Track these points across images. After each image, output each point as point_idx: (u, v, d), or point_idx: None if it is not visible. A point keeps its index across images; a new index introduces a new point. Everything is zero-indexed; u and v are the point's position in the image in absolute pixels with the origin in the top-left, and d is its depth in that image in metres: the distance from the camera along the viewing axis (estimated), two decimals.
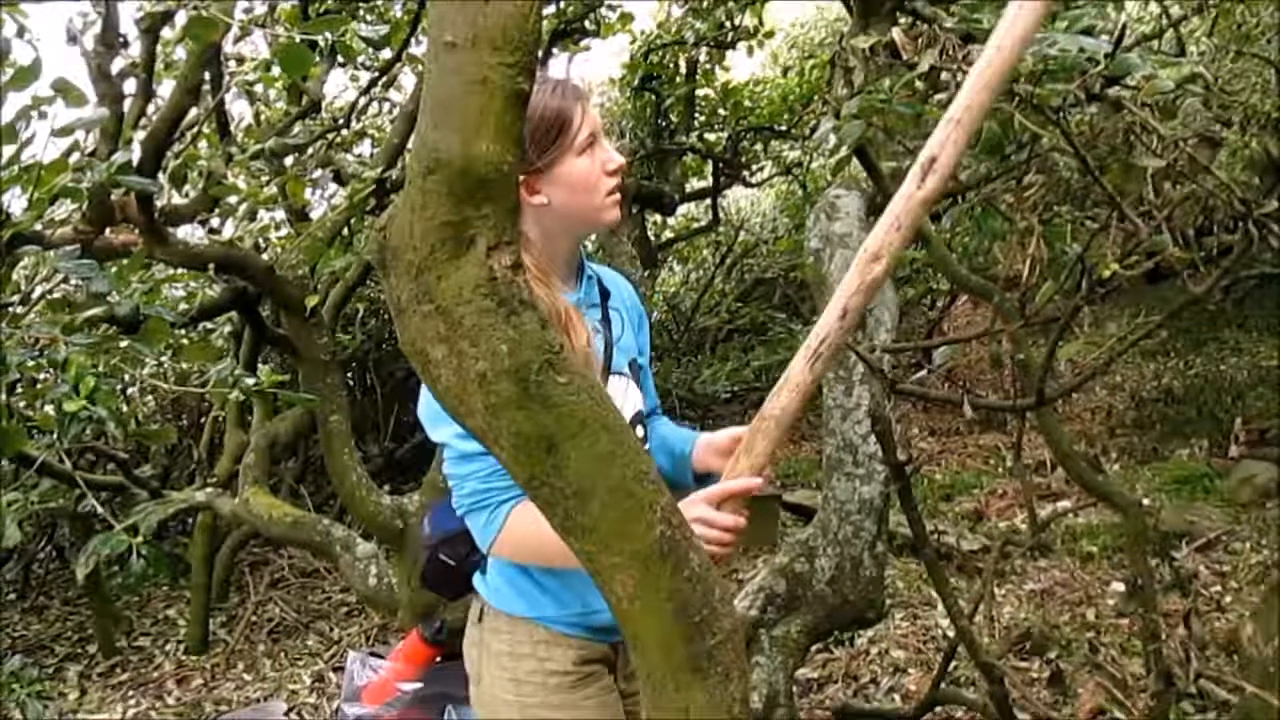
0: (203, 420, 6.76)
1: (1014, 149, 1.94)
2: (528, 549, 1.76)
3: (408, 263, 1.27)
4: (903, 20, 2.40)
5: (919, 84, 1.73)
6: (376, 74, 4.83)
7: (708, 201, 8.53)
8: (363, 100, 5.33)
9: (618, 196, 1.78)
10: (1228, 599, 4.88)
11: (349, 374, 7.36)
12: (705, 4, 5.81)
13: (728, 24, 5.99)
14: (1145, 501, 6.28)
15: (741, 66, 8.16)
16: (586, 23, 5.70)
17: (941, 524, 6.12)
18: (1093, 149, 1.84)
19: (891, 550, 5.13)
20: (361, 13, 4.50)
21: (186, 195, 3.82)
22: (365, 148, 5.67)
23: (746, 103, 7.69)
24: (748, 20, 6.44)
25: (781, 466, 7.91)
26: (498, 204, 1.26)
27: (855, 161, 2.67)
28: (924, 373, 9.18)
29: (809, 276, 3.14)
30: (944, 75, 1.72)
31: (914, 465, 2.23)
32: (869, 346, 2.32)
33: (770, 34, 6.65)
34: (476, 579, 1.93)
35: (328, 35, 1.98)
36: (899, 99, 1.74)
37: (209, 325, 5.71)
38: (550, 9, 5.17)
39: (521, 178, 1.60)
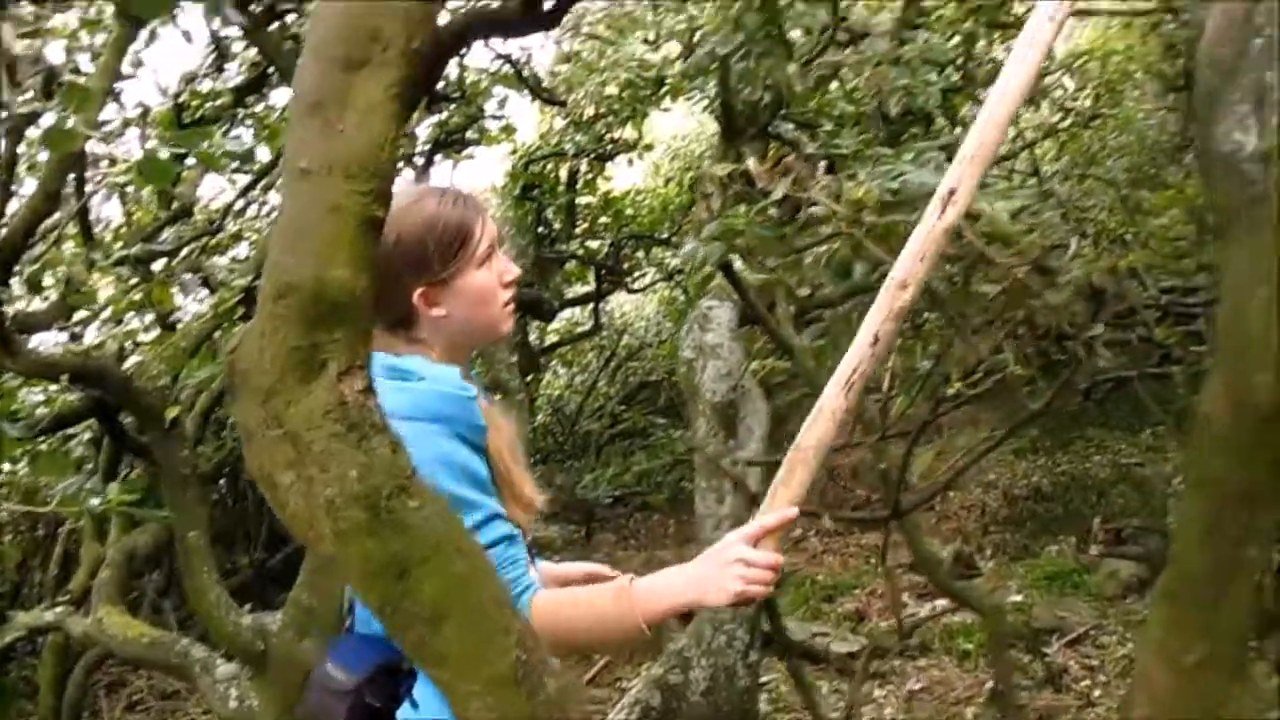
0: (59, 530, 6.43)
1: (867, 271, 2.04)
2: (561, 638, 1.56)
3: (256, 387, 1.26)
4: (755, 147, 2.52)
5: (773, 211, 1.80)
6: (255, 176, 4.80)
7: (591, 306, 8.63)
8: (240, 203, 5.28)
9: (513, 307, 1.76)
10: (1097, 693, 5.00)
11: (220, 480, 7.11)
12: (585, 117, 5.98)
13: (607, 136, 6.16)
14: (1018, 598, 6.45)
15: (624, 176, 8.36)
16: (470, 132, 5.79)
17: (824, 625, 6.16)
18: (937, 274, 1.94)
19: (775, 653, 5.15)
20: (241, 116, 4.49)
21: (46, 300, 3.70)
22: (243, 249, 5.59)
23: (628, 211, 7.86)
24: (628, 133, 6.62)
25: None
26: (349, 328, 1.27)
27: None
28: None
29: (682, 385, 3.19)
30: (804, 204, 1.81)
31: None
32: (732, 460, 2.37)
33: (650, 147, 6.85)
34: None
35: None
36: (755, 224, 1.81)
37: (69, 431, 5.47)
38: (431, 119, 5.25)
39: (420, 290, 1.60)
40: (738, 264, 2.80)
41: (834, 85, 3.72)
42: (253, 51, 4.33)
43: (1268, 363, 1.69)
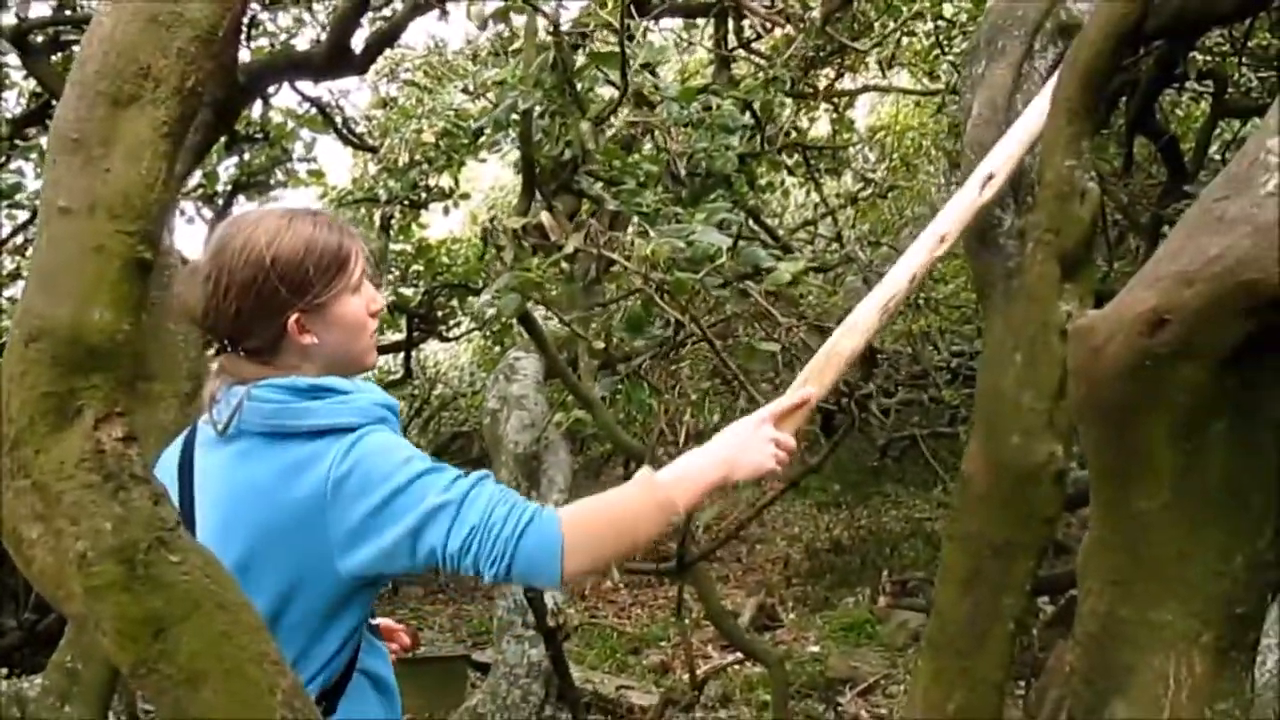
0: None
1: (662, 326, 2.10)
2: (607, 540, 1.46)
3: (1, 435, 1.19)
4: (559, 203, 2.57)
5: (565, 264, 1.83)
6: (34, 212, 4.51)
7: (402, 354, 8.48)
8: (19, 238, 4.96)
9: (376, 340, 1.67)
10: None
11: None
12: (400, 164, 5.91)
13: (422, 184, 6.10)
14: (816, 649, 6.65)
15: (440, 224, 8.29)
16: (279, 173, 5.63)
17: (627, 678, 6.17)
18: (728, 330, 2.00)
19: (569, 707, 5.12)
20: (20, 148, 4.23)
21: None
22: (19, 289, 5.24)
23: (443, 259, 7.78)
24: (444, 181, 6.58)
25: (474, 624, 7.75)
26: (109, 374, 1.21)
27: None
28: None
29: (486, 435, 3.17)
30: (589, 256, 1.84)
31: (564, 632, 2.26)
32: None
33: (466, 196, 6.82)
34: None
35: None
36: (550, 277, 1.84)
37: None
38: (233, 159, 5.08)
39: (295, 316, 1.49)
40: (542, 316, 2.82)
41: (646, 145, 3.83)
42: (33, 82, 4.10)
43: (1019, 426, 1.83)
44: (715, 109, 2.61)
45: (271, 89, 4.34)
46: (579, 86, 2.21)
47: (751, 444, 1.56)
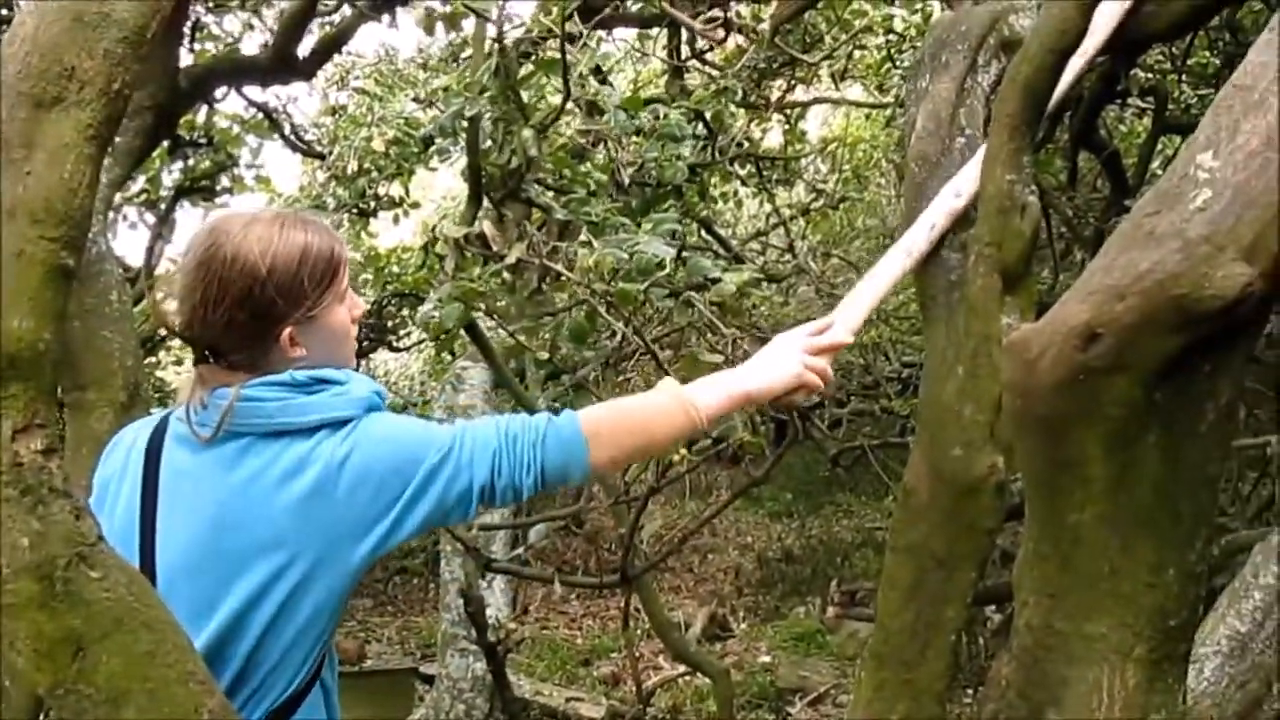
0: None
1: (608, 336, 2.09)
2: (628, 431, 1.49)
3: None
4: (506, 212, 2.55)
5: (507, 275, 1.81)
6: None
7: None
8: None
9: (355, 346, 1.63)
10: None
11: None
12: (349, 171, 5.85)
13: (371, 192, 6.05)
14: (766, 659, 6.66)
15: (390, 234, 8.22)
16: (225, 179, 5.55)
17: (578, 690, 6.14)
18: (681, 341, 2.00)
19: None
20: None
21: None
22: None
23: (393, 268, 7.71)
24: (394, 190, 6.52)
25: (422, 636, 7.67)
26: (29, 383, 1.18)
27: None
28: (519, 550, 9.30)
29: None
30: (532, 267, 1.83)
31: (505, 647, 2.24)
32: (470, 525, 2.34)
33: (416, 205, 6.77)
34: None
35: None
36: (494, 287, 1.82)
37: None
38: (178, 165, 5.00)
39: (288, 329, 1.44)
40: (490, 327, 2.80)
41: (599, 155, 3.82)
42: None
43: (961, 438, 1.83)
44: (664, 118, 2.61)
45: (218, 94, 4.27)
46: (523, 94, 2.20)
47: (782, 360, 1.58)
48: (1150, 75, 4.29)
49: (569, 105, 2.34)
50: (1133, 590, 1.11)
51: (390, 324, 8.04)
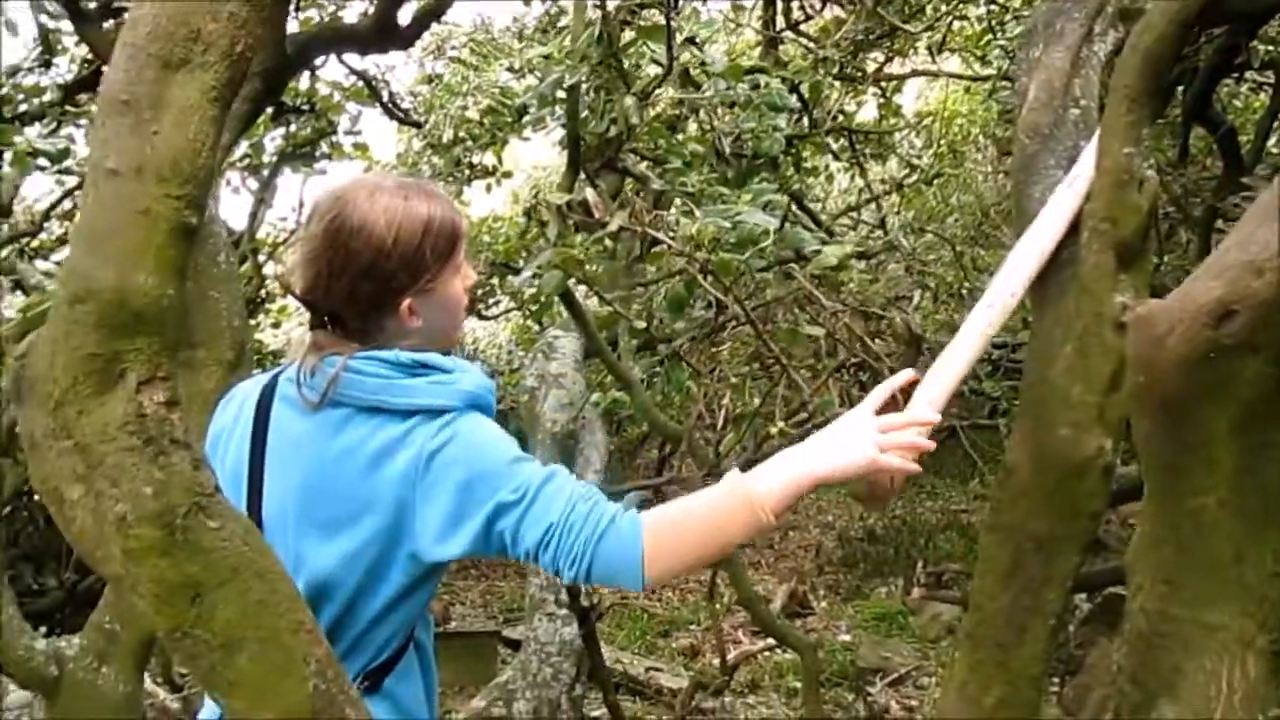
0: None
1: (704, 307, 2.08)
2: (691, 546, 1.39)
3: (45, 394, 1.19)
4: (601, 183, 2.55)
5: (610, 242, 1.81)
6: (82, 177, 4.55)
7: None
8: (67, 204, 5.01)
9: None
10: None
11: (31, 497, 6.68)
12: (444, 140, 5.92)
13: (465, 161, 6.11)
14: (847, 638, 6.62)
15: (482, 203, 8.30)
16: (324, 146, 5.65)
17: (656, 660, 6.17)
18: (775, 315, 1.98)
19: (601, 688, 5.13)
20: (71, 114, 4.27)
21: None
22: (66, 254, 5.31)
23: (484, 237, 7.79)
24: (488, 159, 6.59)
25: (506, 600, 7.79)
26: (153, 338, 1.21)
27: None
28: None
29: (523, 413, 3.17)
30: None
31: (598, 611, 2.26)
32: None
33: (509, 174, 6.83)
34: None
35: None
36: (594, 254, 1.82)
37: None
38: (279, 130, 5.11)
39: (408, 300, 1.45)
40: (583, 295, 2.81)
41: (691, 125, 3.80)
42: (84, 48, 4.13)
43: (1068, 419, 1.78)
44: (765, 87, 2.57)
45: (318, 61, 4.34)
46: (625, 62, 2.19)
47: (853, 437, 1.41)
48: (1271, 48, 4.11)
49: (662, 72, 2.32)
50: (1257, 579, 1.07)
51: (480, 292, 8.13)
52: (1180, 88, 3.91)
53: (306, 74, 4.76)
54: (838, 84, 4.85)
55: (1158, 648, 1.14)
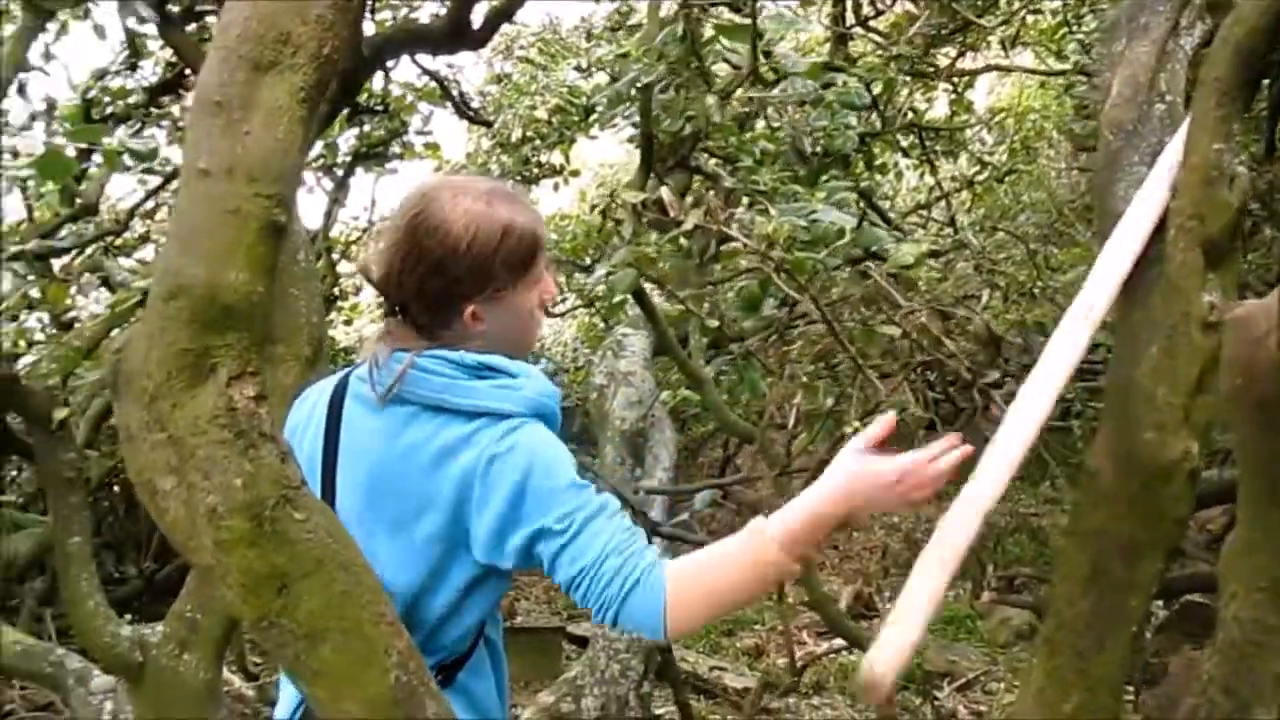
0: None
1: (776, 305, 2.07)
2: (713, 603, 1.40)
3: (140, 388, 1.23)
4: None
5: (684, 240, 1.81)
6: (166, 177, 4.68)
7: None
8: (150, 203, 5.14)
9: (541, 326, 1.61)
10: None
11: (113, 488, 6.87)
12: (513, 139, 5.97)
13: (534, 160, 6.16)
14: None
15: (549, 201, 8.35)
16: (395, 146, 5.73)
17: (721, 660, 6.16)
18: (841, 314, 1.97)
19: (669, 686, 5.13)
20: (154, 116, 4.39)
21: None
22: (149, 252, 5.45)
23: (552, 236, 7.84)
24: (555, 158, 6.63)
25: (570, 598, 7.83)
26: (243, 333, 1.24)
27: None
28: (686, 516, 9.32)
29: (592, 410, 3.18)
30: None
31: None
32: (635, 488, 2.36)
33: (576, 173, 6.86)
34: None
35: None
36: (667, 253, 1.82)
37: None
38: (353, 131, 5.19)
39: (473, 306, 1.46)
40: (654, 294, 2.81)
41: (758, 123, 3.78)
42: (169, 52, 4.23)
43: (1153, 421, 1.74)
44: (842, 85, 2.55)
45: (391, 62, 4.40)
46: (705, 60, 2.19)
47: (874, 478, 1.39)
48: None
49: (745, 69, 2.31)
50: None
51: None
52: (1265, 81, 3.79)
53: (379, 75, 4.83)
54: (909, 80, 4.79)
55: (1252, 656, 1.11)
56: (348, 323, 6.51)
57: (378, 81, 4.98)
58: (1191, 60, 2.01)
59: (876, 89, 3.74)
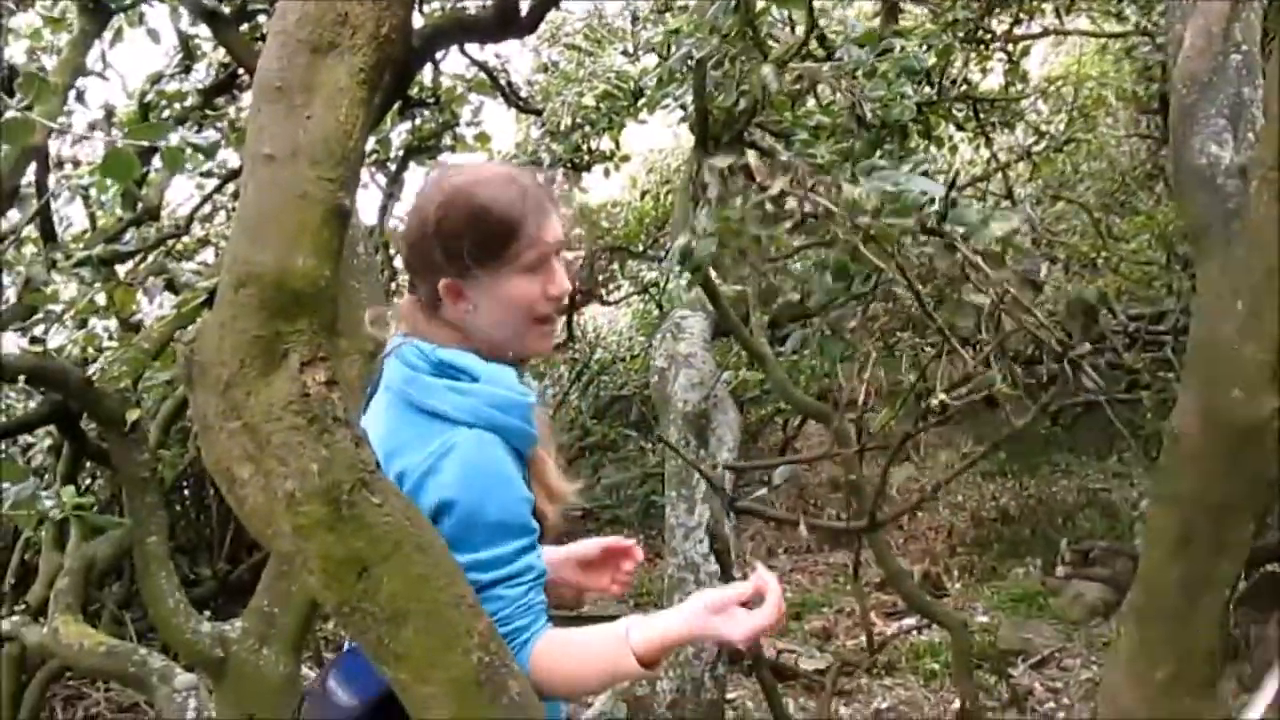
0: (17, 541, 6.28)
1: (861, 278, 2.03)
2: (560, 685, 1.46)
3: (215, 378, 1.23)
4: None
5: (769, 206, 1.78)
6: (222, 180, 4.74)
7: (564, 318, 8.60)
8: (207, 207, 5.21)
9: (554, 325, 1.58)
10: (1060, 715, 5.00)
11: (184, 489, 7.00)
12: (563, 127, 5.96)
13: (584, 147, 6.14)
14: (984, 619, 6.45)
15: (600, 188, 8.35)
16: (445, 139, 5.75)
17: (790, 643, 6.12)
18: (927, 284, 1.93)
19: (742, 670, 5.11)
20: (209, 118, 4.43)
21: (5, 302, 3.62)
22: (209, 255, 5.52)
23: (604, 223, 7.83)
24: (605, 144, 6.60)
25: (637, 584, 7.84)
26: (313, 319, 1.24)
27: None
28: (763, 491, 9.28)
29: (654, 394, 3.16)
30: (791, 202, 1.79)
31: None
32: (711, 464, 2.35)
33: (626, 158, 6.83)
34: None
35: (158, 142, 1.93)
36: (752, 219, 1.79)
37: (29, 439, 5.36)
38: (405, 125, 5.21)
39: (444, 281, 1.46)
40: (713, 275, 2.79)
41: (809, 98, 3.73)
42: (221, 53, 4.28)
43: (1241, 379, 1.69)
44: (900, 50, 2.49)
45: (440, 53, 4.41)
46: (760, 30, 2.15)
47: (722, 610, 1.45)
48: None
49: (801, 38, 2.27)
50: None
51: (601, 278, 8.19)
52: None
53: (429, 67, 4.84)
54: (964, 47, 4.70)
55: None
56: None
57: (427, 74, 5.00)
58: (1267, 9, 1.94)
59: (930, 59, 3.66)
